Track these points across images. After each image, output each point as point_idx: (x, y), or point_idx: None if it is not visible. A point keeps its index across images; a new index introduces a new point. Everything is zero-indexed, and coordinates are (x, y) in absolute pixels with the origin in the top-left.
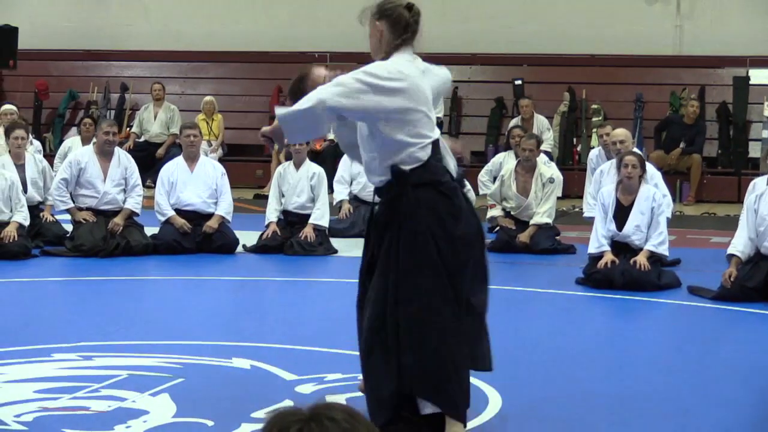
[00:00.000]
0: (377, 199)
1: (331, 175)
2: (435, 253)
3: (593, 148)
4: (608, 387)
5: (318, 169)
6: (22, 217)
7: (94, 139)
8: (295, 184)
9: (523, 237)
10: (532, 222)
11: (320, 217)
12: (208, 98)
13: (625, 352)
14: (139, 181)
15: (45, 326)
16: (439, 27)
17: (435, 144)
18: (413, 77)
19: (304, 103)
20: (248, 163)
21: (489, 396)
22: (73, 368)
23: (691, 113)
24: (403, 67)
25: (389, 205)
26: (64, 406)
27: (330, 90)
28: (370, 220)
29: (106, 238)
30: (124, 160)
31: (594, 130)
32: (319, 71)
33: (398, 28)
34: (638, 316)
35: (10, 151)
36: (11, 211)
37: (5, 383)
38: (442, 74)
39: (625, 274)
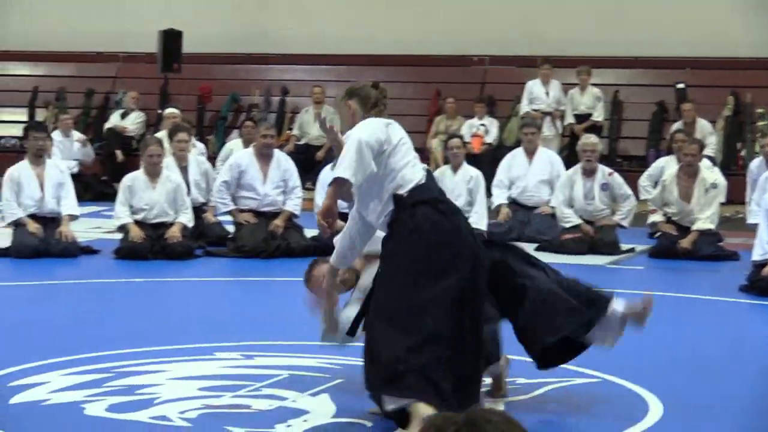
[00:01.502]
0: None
1: (489, 178)
2: (418, 256)
3: (757, 153)
4: None
5: (476, 173)
6: (187, 218)
7: (255, 142)
8: (453, 187)
9: (685, 243)
10: (694, 228)
11: (478, 221)
12: None
13: None
14: (299, 183)
15: (208, 325)
16: (600, 31)
17: (427, 171)
18: (384, 123)
19: (349, 150)
20: None
21: (649, 403)
22: (235, 367)
23: None
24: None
25: (390, 226)
26: (227, 404)
27: (360, 132)
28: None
29: (267, 240)
30: (283, 162)
31: (757, 135)
32: (321, 269)
33: (367, 103)
34: None
35: (173, 154)
36: (176, 212)
37: (170, 380)
38: None
39: None
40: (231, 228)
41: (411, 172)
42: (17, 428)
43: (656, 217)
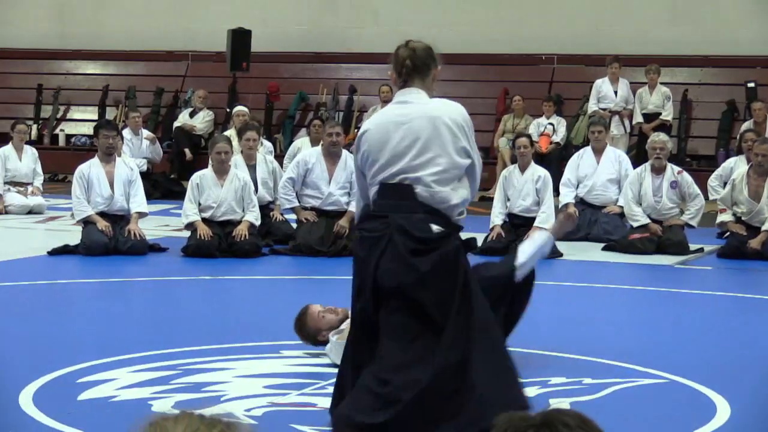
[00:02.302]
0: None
1: (557, 177)
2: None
3: None
4: None
5: (543, 172)
6: (254, 216)
7: (322, 141)
8: (521, 187)
9: (755, 243)
10: (764, 228)
11: (545, 220)
12: None
13: None
14: None
15: (274, 323)
16: (670, 29)
17: (383, 187)
18: (373, 125)
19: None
20: None
21: (717, 405)
22: (300, 365)
23: None
24: (376, 116)
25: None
26: (292, 402)
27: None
28: None
29: (324, 239)
30: (350, 164)
31: None
32: (315, 307)
33: (397, 68)
34: None
35: (242, 152)
36: (243, 210)
37: (236, 378)
38: (446, 110)
39: None
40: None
41: (372, 192)
42: (85, 425)
43: (725, 217)
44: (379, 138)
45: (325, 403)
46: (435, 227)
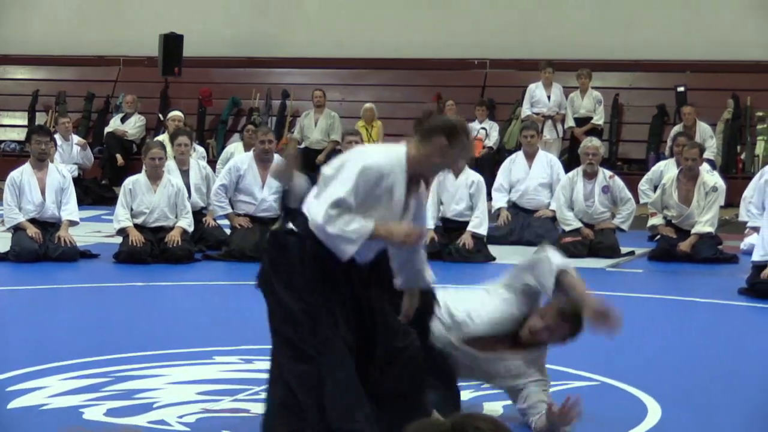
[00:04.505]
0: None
1: (489, 182)
2: None
3: (757, 156)
4: None
5: (477, 177)
6: (187, 222)
7: (255, 146)
8: (454, 191)
9: (684, 246)
10: (693, 231)
11: (479, 225)
12: (368, 105)
13: None
14: None
15: (207, 329)
16: (600, 34)
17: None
18: None
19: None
20: None
21: (648, 407)
22: (233, 371)
23: None
24: None
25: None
26: (226, 408)
27: None
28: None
29: (258, 245)
30: None
31: (758, 138)
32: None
33: None
34: None
35: (175, 157)
36: (176, 216)
37: (169, 384)
38: None
39: None
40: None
41: None
42: None
43: (656, 220)
44: None
45: (258, 409)
46: None
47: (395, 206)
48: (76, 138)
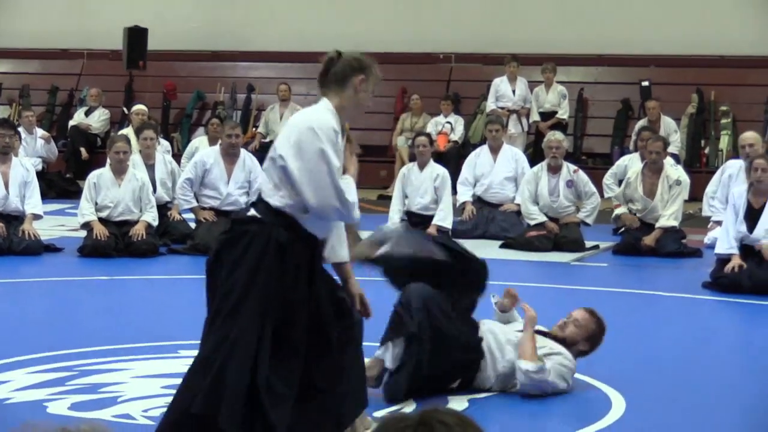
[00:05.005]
0: None
1: (454, 176)
2: None
3: (720, 150)
4: (734, 395)
5: (442, 170)
6: (152, 217)
7: (221, 140)
8: (419, 185)
9: (649, 240)
10: (658, 225)
11: (443, 218)
12: None
13: (753, 358)
14: None
15: (171, 323)
16: (565, 29)
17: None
18: None
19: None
20: (372, 164)
21: (612, 399)
22: None
23: None
24: None
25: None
26: None
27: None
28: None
29: None
30: (249, 163)
31: (722, 132)
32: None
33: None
34: (767, 322)
35: (140, 151)
36: (141, 210)
37: (134, 378)
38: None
39: (753, 278)
40: (194, 225)
41: None
42: None
43: (620, 210)
44: None
45: None
46: None
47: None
48: (40, 131)
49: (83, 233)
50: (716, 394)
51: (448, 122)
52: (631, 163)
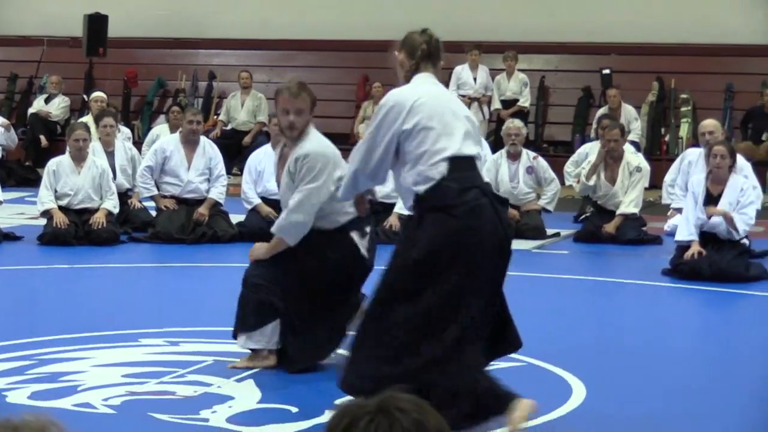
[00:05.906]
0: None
1: None
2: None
3: (681, 138)
4: (693, 380)
5: None
6: (112, 204)
7: (181, 128)
8: None
9: (609, 227)
10: (618, 212)
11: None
12: None
13: (713, 344)
14: (224, 171)
15: (132, 311)
16: (526, 17)
17: (454, 161)
18: (423, 95)
19: (346, 180)
20: None
21: (573, 386)
22: (159, 353)
23: None
24: (412, 88)
25: (410, 218)
26: (151, 391)
27: (357, 158)
28: None
29: (185, 227)
30: (209, 150)
31: (682, 120)
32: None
33: (413, 53)
34: (726, 308)
35: (100, 139)
36: (101, 198)
37: (94, 367)
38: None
39: (712, 265)
40: (155, 213)
41: (427, 167)
42: None
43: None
44: (435, 108)
45: (184, 391)
46: None
47: None
48: None
49: (43, 221)
50: (675, 379)
51: None
52: (591, 151)
